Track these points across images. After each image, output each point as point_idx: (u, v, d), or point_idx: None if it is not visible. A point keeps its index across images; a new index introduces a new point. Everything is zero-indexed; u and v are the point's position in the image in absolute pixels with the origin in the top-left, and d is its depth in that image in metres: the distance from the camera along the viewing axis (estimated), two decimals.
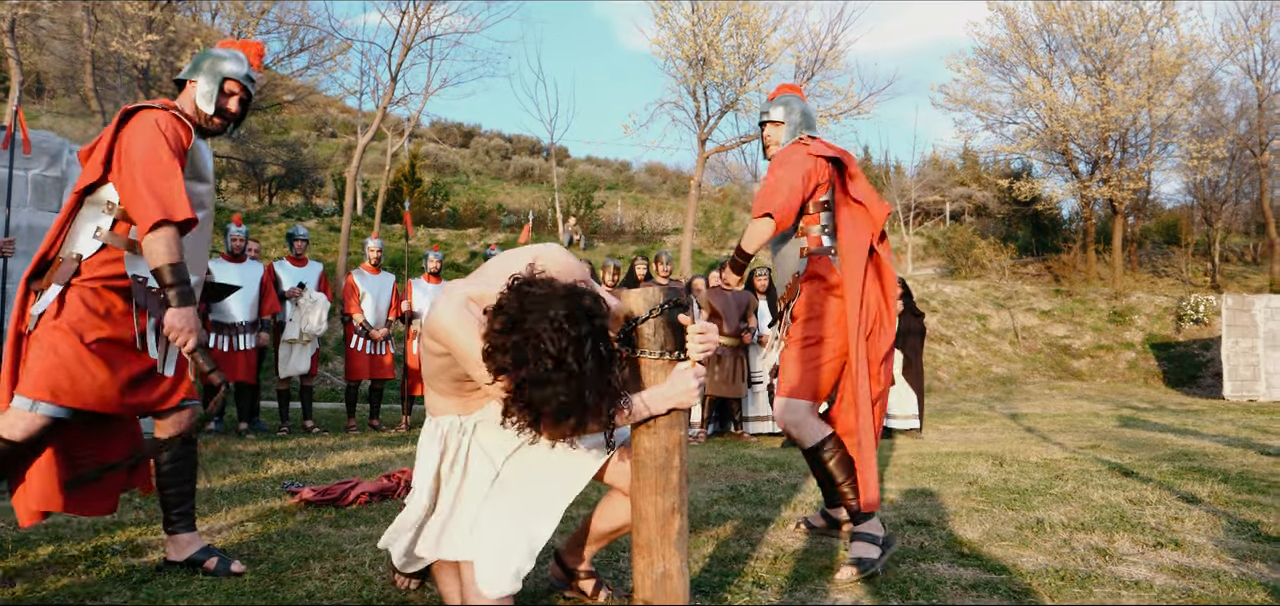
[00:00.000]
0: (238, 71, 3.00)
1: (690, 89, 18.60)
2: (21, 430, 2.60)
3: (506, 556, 2.22)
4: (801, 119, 3.56)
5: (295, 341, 7.96)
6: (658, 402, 2.07)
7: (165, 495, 2.96)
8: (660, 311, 2.11)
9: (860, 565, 2.96)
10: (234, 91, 3.01)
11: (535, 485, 2.34)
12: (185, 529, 2.98)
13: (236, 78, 2.99)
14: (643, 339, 2.13)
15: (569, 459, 2.36)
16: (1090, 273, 23.09)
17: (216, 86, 2.96)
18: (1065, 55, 22.91)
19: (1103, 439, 7.67)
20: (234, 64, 3.00)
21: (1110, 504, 4.31)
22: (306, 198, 27.27)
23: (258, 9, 19.24)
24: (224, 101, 2.99)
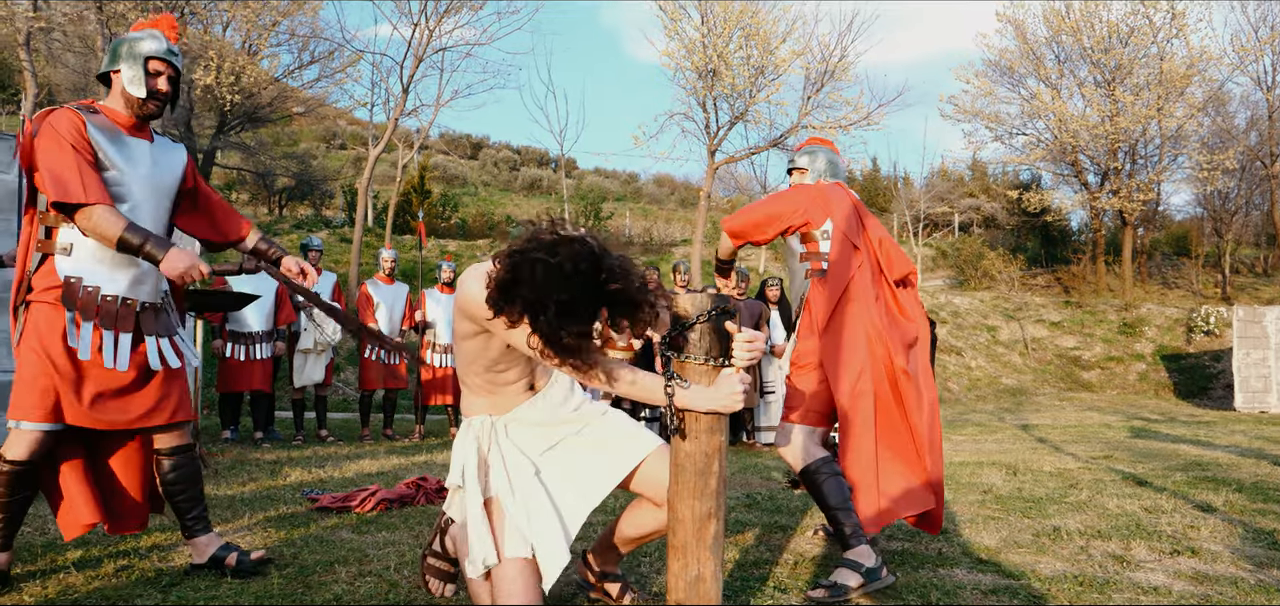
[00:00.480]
0: (158, 49, 2.93)
1: (700, 100, 18.67)
2: (24, 449, 2.70)
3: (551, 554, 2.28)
4: (826, 167, 3.61)
5: (310, 351, 8.02)
6: (700, 402, 2.10)
7: (176, 502, 3.01)
8: (708, 317, 2.15)
9: (833, 589, 2.83)
10: (160, 70, 2.94)
11: (567, 482, 2.40)
12: (202, 531, 3.05)
13: (158, 56, 2.93)
14: (690, 344, 2.17)
15: (601, 458, 2.43)
16: (1100, 284, 23.06)
17: (141, 69, 2.90)
18: (1074, 66, 22.95)
19: (1115, 449, 7.67)
20: (153, 43, 2.93)
21: (1126, 512, 4.33)
22: (316, 209, 27.42)
23: (269, 21, 19.41)
24: (152, 82, 2.93)
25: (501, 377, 2.39)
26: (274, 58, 21.02)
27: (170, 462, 2.99)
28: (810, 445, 3.14)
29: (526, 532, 2.28)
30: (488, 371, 2.37)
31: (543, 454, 2.44)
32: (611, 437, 2.49)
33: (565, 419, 2.51)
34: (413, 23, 17.63)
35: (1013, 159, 24.64)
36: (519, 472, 2.38)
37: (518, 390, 2.45)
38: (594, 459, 2.43)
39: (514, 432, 2.45)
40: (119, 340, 2.83)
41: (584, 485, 2.41)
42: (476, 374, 2.39)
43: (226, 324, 7.54)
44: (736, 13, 17.66)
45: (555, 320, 1.94)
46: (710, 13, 17.94)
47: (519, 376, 2.44)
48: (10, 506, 2.76)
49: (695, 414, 2.13)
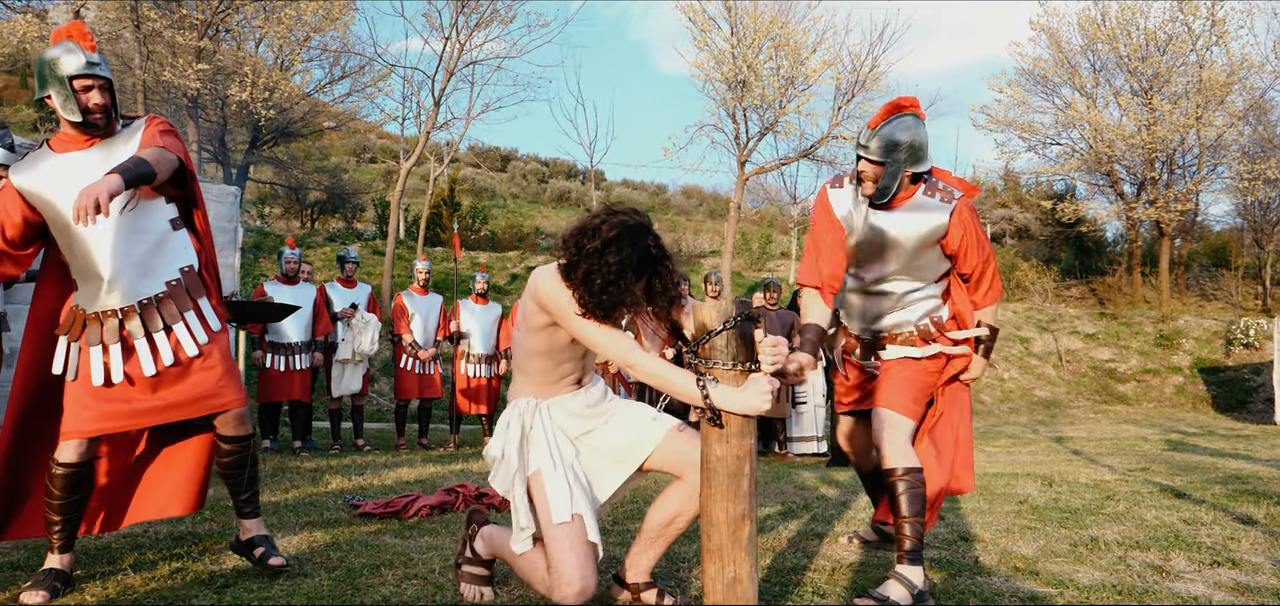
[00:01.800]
0: (79, 66, 2.86)
1: (729, 111, 18.71)
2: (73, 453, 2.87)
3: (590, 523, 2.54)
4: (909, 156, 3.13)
5: (348, 361, 8.14)
6: (729, 401, 2.17)
7: (229, 484, 3.13)
8: (733, 324, 2.20)
9: (883, 604, 2.81)
10: (88, 86, 2.89)
11: (600, 459, 2.69)
12: (251, 515, 3.17)
13: (81, 74, 2.87)
14: (715, 349, 2.23)
15: (628, 438, 2.68)
16: (1136, 296, 22.75)
17: (68, 91, 2.87)
18: (1110, 75, 22.67)
19: (1152, 462, 7.60)
20: (72, 60, 2.86)
21: (1164, 523, 4.31)
22: (348, 222, 27.74)
23: (301, 36, 19.72)
24: (83, 100, 2.88)
25: (557, 370, 2.64)
26: (306, 73, 21.34)
27: (225, 449, 3.07)
28: (911, 446, 3.13)
29: (570, 501, 2.52)
30: (547, 358, 2.61)
31: (579, 437, 2.70)
32: (635, 423, 2.71)
33: (600, 412, 2.74)
34: (444, 37, 17.84)
35: (1046, 169, 24.38)
36: (561, 448, 2.62)
37: (567, 384, 2.69)
38: (622, 439, 2.69)
39: (555, 414, 2.68)
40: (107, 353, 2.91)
41: (615, 461, 2.69)
42: (535, 361, 2.63)
43: (266, 335, 7.68)
44: (766, 23, 17.69)
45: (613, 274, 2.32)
46: (740, 23, 17.99)
47: (573, 371, 2.68)
48: (66, 507, 2.88)
49: (726, 416, 2.18)
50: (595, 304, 2.37)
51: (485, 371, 8.58)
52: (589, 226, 2.41)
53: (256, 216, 25.60)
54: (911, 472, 3.02)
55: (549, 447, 2.60)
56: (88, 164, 2.91)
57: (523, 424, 2.64)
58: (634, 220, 2.42)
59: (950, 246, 3.17)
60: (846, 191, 3.28)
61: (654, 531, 2.70)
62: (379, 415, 12.99)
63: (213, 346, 3.03)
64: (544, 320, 2.53)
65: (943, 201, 3.13)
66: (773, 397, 2.17)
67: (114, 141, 2.98)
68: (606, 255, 2.34)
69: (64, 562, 2.91)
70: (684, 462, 2.62)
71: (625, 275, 2.36)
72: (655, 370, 2.37)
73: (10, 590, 2.86)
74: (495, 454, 2.66)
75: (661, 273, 2.45)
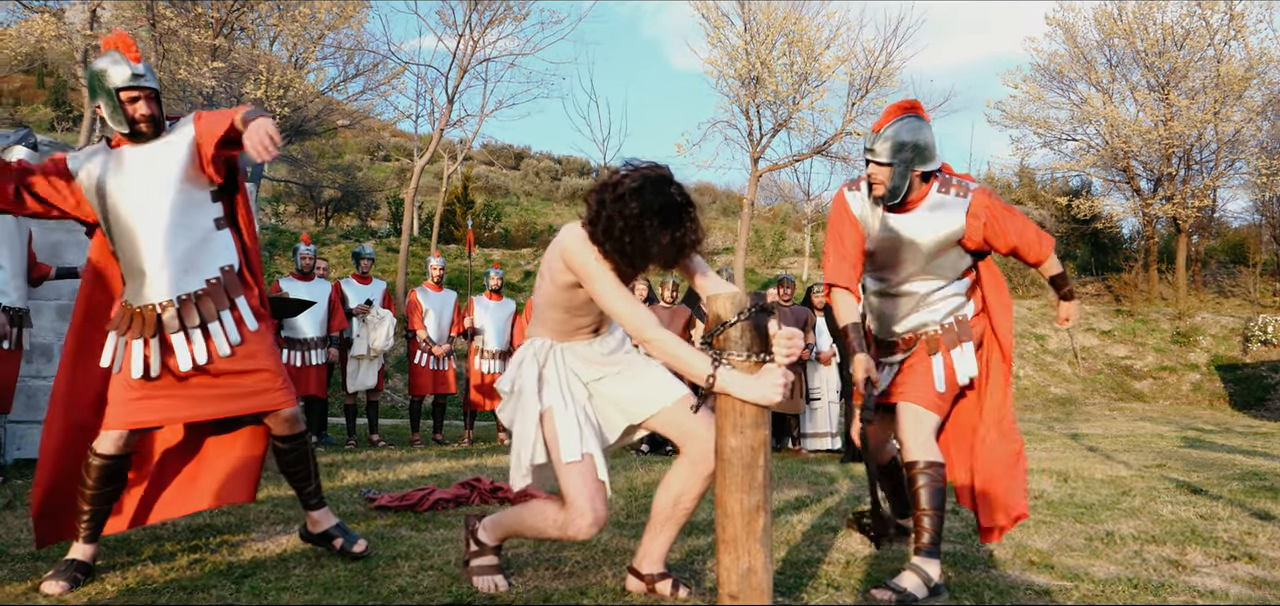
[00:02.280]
0: (126, 79, 2.96)
1: (743, 108, 18.68)
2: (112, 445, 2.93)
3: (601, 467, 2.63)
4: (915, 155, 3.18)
5: (363, 357, 8.18)
6: (741, 389, 2.18)
7: (291, 478, 3.25)
8: (747, 315, 2.21)
9: (900, 594, 2.83)
10: (134, 97, 2.97)
11: (610, 406, 2.76)
12: (317, 506, 3.29)
13: (127, 86, 2.96)
14: (730, 340, 2.23)
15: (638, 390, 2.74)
16: (1152, 292, 22.59)
17: (114, 103, 2.96)
18: (1127, 70, 22.51)
19: (1168, 458, 7.55)
20: (119, 73, 2.96)
21: (1181, 518, 4.29)
22: (362, 220, 27.87)
23: (315, 35, 19.81)
24: (129, 111, 2.97)
25: (574, 321, 2.71)
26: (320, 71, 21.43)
27: (281, 448, 3.20)
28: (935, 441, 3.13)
29: (580, 440, 2.60)
30: (565, 311, 2.68)
31: (591, 382, 2.77)
32: (649, 377, 2.78)
33: (613, 361, 2.79)
34: (457, 34, 17.89)
35: (1062, 165, 24.22)
36: (574, 390, 2.70)
37: (584, 333, 2.76)
38: (633, 391, 2.75)
39: (569, 358, 2.75)
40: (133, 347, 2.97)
41: (622, 410, 2.75)
42: (555, 312, 2.69)
43: (282, 331, 7.73)
44: (780, 19, 17.65)
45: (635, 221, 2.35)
46: (753, 19, 17.96)
47: (590, 323, 2.75)
48: (98, 498, 2.92)
49: (740, 408, 2.19)
50: (618, 252, 2.41)
51: (499, 367, 8.60)
52: (611, 179, 2.45)
53: (271, 214, 25.76)
54: (933, 466, 3.03)
55: (561, 388, 2.68)
56: (134, 161, 2.99)
57: (538, 362, 2.72)
58: (655, 170, 2.44)
59: (973, 242, 3.13)
60: (863, 193, 3.27)
61: (662, 515, 2.74)
62: (394, 411, 13.05)
63: (257, 347, 3.09)
64: (568, 279, 2.57)
65: (958, 196, 3.11)
66: (785, 390, 2.18)
67: (165, 141, 3.05)
68: (628, 203, 2.37)
69: (87, 553, 2.94)
70: (686, 433, 2.69)
71: (648, 221, 2.37)
72: (670, 347, 2.39)
73: (31, 580, 2.90)
74: (506, 388, 2.76)
75: (685, 220, 2.45)
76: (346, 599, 2.71)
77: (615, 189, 2.41)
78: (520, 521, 2.78)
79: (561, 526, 2.62)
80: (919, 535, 2.98)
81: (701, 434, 2.65)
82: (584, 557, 3.30)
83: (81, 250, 6.07)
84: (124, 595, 2.74)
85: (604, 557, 3.31)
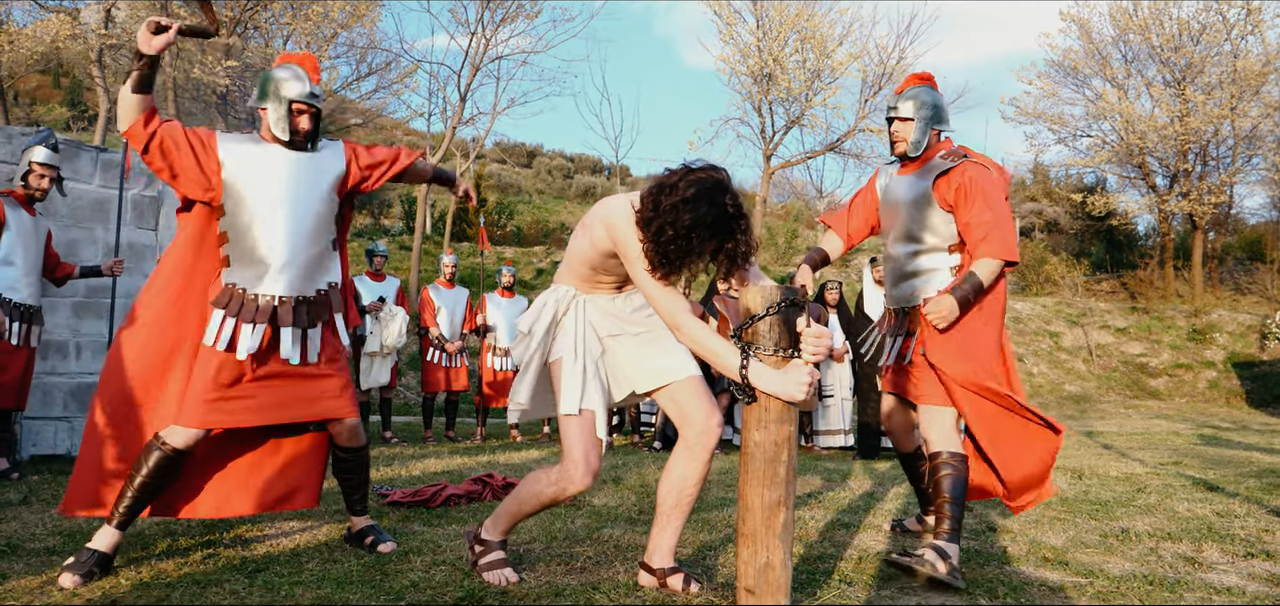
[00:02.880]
0: (301, 93, 3.14)
1: (755, 105, 18.65)
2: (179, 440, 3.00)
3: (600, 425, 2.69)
4: (934, 113, 3.39)
5: (376, 354, 8.20)
6: (769, 383, 2.18)
7: (343, 483, 3.40)
8: (777, 309, 2.20)
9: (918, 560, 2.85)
10: (302, 110, 3.16)
11: (618, 366, 2.80)
12: (361, 512, 3.43)
13: (301, 99, 3.14)
14: (758, 334, 2.22)
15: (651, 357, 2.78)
16: (1168, 289, 22.41)
17: (284, 110, 3.13)
18: (1142, 66, 22.33)
19: (1184, 456, 7.50)
20: (296, 86, 3.13)
21: (1197, 516, 4.25)
22: (375, 218, 27.95)
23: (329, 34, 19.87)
24: (294, 122, 3.15)
25: (601, 277, 2.76)
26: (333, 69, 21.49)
27: (342, 457, 3.36)
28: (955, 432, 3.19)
29: (582, 395, 2.65)
30: (595, 270, 2.73)
31: (607, 337, 2.80)
32: (664, 349, 2.80)
33: (635, 321, 2.83)
34: (469, 32, 17.91)
35: (1077, 162, 24.05)
36: (588, 345, 2.74)
37: (608, 287, 2.81)
38: (647, 356, 2.78)
39: (589, 310, 2.79)
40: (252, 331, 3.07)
41: (631, 373, 2.79)
42: (585, 267, 2.74)
43: None
44: (792, 16, 17.61)
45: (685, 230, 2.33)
46: (765, 17, 17.92)
47: (616, 282, 2.80)
48: (146, 489, 2.98)
49: (765, 402, 2.18)
50: (662, 258, 2.40)
51: (511, 365, 8.61)
52: (668, 183, 2.41)
53: None
54: (955, 457, 3.11)
55: (576, 340, 2.72)
56: (287, 163, 3.15)
57: (557, 309, 2.77)
58: (711, 178, 2.40)
59: (944, 200, 3.24)
60: (890, 170, 3.56)
61: (667, 504, 2.76)
62: (408, 408, 13.09)
63: (337, 358, 3.28)
64: (608, 248, 2.62)
65: (945, 159, 3.29)
66: (810, 388, 2.17)
67: (316, 155, 3.23)
68: (681, 213, 2.34)
69: (110, 543, 2.95)
70: (684, 414, 2.73)
71: (698, 232, 2.36)
72: (701, 338, 2.40)
73: (46, 574, 2.92)
74: (525, 328, 2.81)
75: (735, 232, 2.42)
76: (358, 594, 2.72)
77: (670, 194, 2.37)
78: (517, 501, 2.84)
79: (556, 482, 2.70)
80: (940, 521, 3.04)
81: (698, 416, 2.70)
82: (596, 553, 3.30)
83: (97, 250, 6.12)
84: (137, 590, 2.76)
85: (616, 553, 3.31)
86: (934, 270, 3.33)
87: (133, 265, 6.31)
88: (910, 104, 3.37)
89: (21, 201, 5.01)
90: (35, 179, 4.99)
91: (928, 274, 3.34)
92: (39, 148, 5.01)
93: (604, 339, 2.80)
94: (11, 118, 16.60)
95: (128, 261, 6.29)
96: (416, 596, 2.70)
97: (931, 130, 3.37)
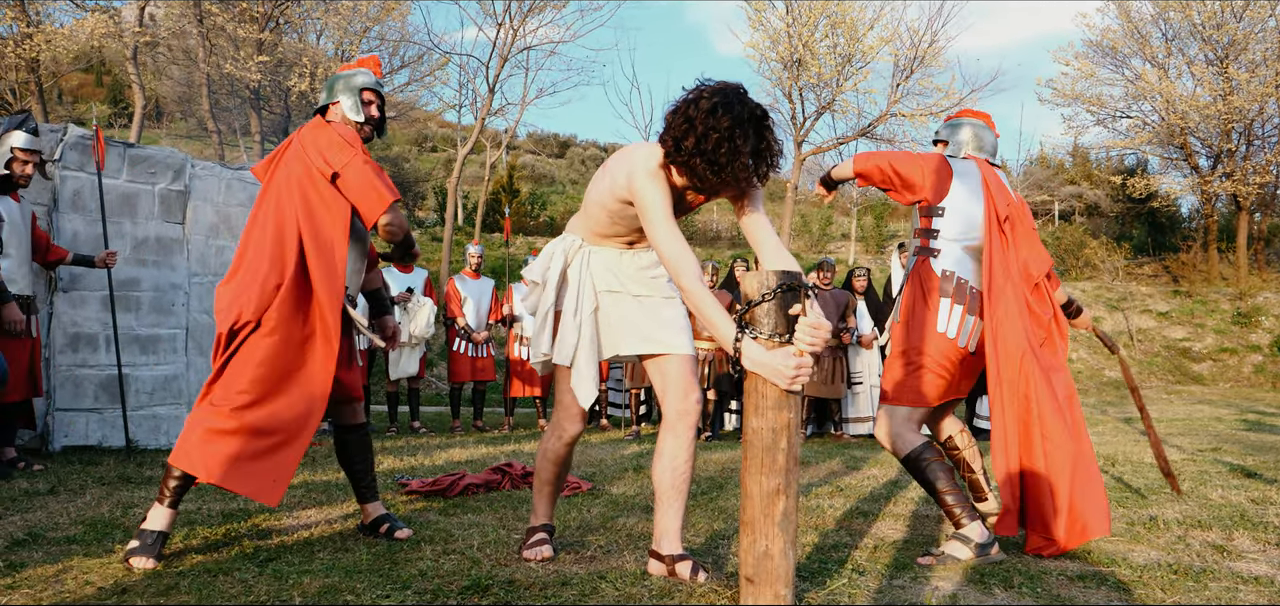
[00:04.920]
0: (370, 81, 3.41)
1: (785, 91, 18.48)
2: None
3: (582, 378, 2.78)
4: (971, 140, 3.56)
5: (405, 344, 8.26)
6: (755, 358, 2.16)
7: (351, 470, 3.44)
8: (774, 295, 2.16)
9: (941, 558, 2.96)
10: (371, 99, 3.41)
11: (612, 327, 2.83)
12: (371, 499, 3.45)
13: (370, 86, 3.40)
14: (756, 320, 2.19)
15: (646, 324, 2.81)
16: (1212, 272, 21.90)
17: (357, 98, 3.37)
18: (1183, 44, 21.78)
19: (1224, 442, 7.31)
20: (365, 76, 3.40)
21: (1230, 503, 4.13)
22: (409, 210, 28.16)
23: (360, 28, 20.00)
24: (367, 109, 3.39)
25: (615, 227, 2.77)
26: None
27: (350, 440, 3.43)
28: (912, 432, 3.18)
29: (575, 349, 2.77)
30: (610, 218, 2.74)
31: (605, 292, 2.84)
32: (661, 319, 2.83)
33: (638, 281, 2.85)
34: (497, 23, 17.93)
35: (1116, 144, 23.56)
36: (583, 300, 2.80)
37: (620, 241, 2.84)
38: (640, 320, 2.81)
39: (594, 261, 2.84)
40: None
41: (622, 333, 2.82)
42: (601, 213, 2.75)
43: None
44: (822, 1, 17.41)
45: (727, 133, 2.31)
46: (795, 2, 17.73)
47: (627, 235, 2.81)
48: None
49: (762, 390, 2.14)
50: (712, 167, 2.34)
51: None
52: (692, 98, 2.39)
53: None
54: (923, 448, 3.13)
55: (576, 295, 2.80)
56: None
57: (566, 257, 2.85)
58: (729, 86, 2.39)
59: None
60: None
61: (664, 485, 2.77)
62: (437, 399, 13.18)
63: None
64: (626, 196, 2.60)
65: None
66: (796, 374, 2.12)
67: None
68: (720, 117, 2.31)
69: (168, 521, 2.99)
70: (665, 388, 2.79)
71: (740, 130, 2.32)
72: (703, 302, 2.35)
73: (62, 562, 2.95)
74: (536, 277, 2.90)
75: (766, 132, 2.40)
76: (366, 583, 2.72)
77: (700, 104, 2.35)
78: (537, 477, 3.02)
79: (553, 432, 2.90)
80: (948, 513, 3.05)
81: (676, 395, 2.76)
82: (608, 542, 3.28)
83: (125, 244, 6.19)
84: (149, 578, 2.78)
85: (628, 542, 3.29)
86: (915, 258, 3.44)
87: (160, 259, 6.37)
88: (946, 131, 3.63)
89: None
90: (18, 166, 4.93)
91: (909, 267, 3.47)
92: (18, 133, 4.95)
93: (601, 294, 2.83)
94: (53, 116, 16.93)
95: (155, 256, 6.36)
96: (423, 585, 2.70)
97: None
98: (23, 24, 13.95)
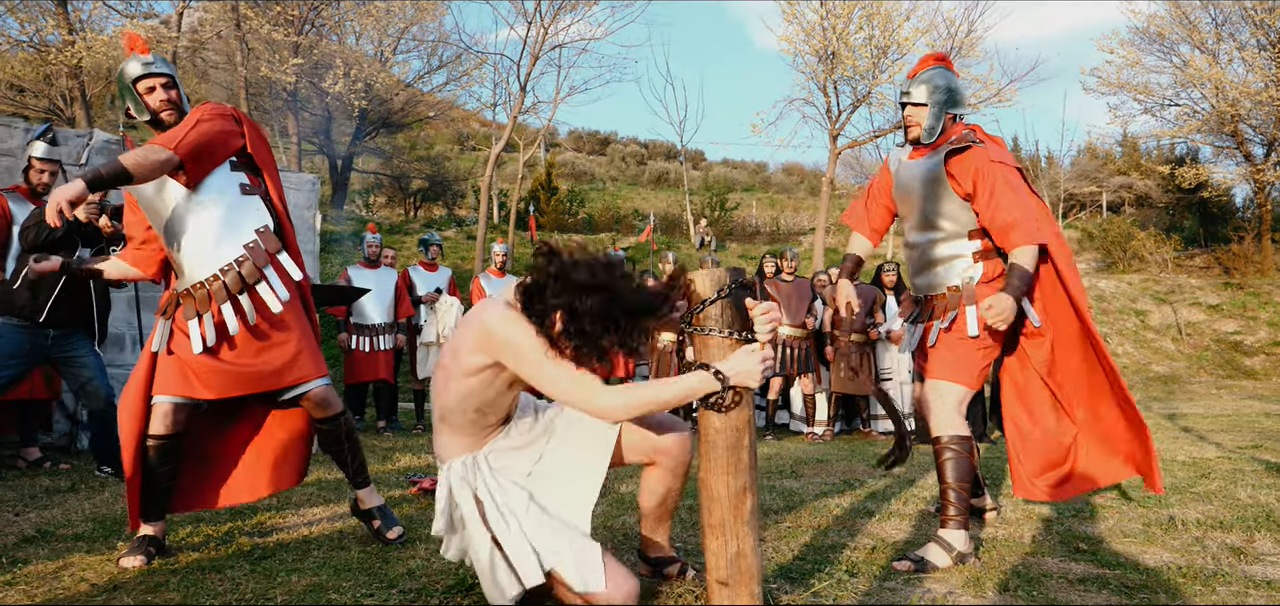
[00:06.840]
0: (138, 71, 3.07)
1: (820, 84, 18.29)
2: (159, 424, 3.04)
3: (583, 556, 2.22)
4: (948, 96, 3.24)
5: (432, 343, 8.30)
6: (736, 371, 2.10)
7: (335, 460, 3.30)
8: (726, 293, 2.12)
9: (919, 564, 2.87)
10: (150, 87, 3.09)
11: (563, 487, 2.37)
12: (362, 484, 3.32)
13: (140, 76, 3.07)
14: (709, 318, 2.15)
15: (583, 449, 2.42)
16: (1266, 263, 21.22)
17: (135, 97, 3.09)
18: (1234, 29, 21.10)
19: (1268, 439, 7.06)
20: (133, 67, 3.08)
21: (1257, 503, 3.98)
22: (449, 209, 28.39)
23: (396, 30, 20.20)
24: (147, 100, 3.09)
25: (488, 418, 2.36)
26: (405, 64, 21.87)
27: (321, 429, 3.25)
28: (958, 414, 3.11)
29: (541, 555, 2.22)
30: (478, 412, 2.32)
31: (529, 475, 2.38)
32: (584, 428, 2.45)
33: (540, 431, 2.47)
34: (527, 22, 17.98)
35: (1165, 132, 22.92)
36: (512, 507, 2.29)
37: (495, 429, 2.42)
38: (578, 453, 2.41)
39: (495, 463, 2.37)
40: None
41: (580, 480, 2.38)
42: (466, 414, 2.32)
43: (350, 317, 7.90)
44: None
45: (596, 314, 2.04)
46: None
47: (501, 417, 2.41)
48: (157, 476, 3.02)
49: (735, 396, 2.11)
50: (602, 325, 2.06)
51: None
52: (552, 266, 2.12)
53: (361, 206, 26.45)
54: (957, 441, 3.04)
55: (501, 512, 2.28)
56: None
57: (470, 485, 2.33)
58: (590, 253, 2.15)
59: (960, 186, 3.13)
60: (901, 153, 3.44)
61: (652, 514, 2.67)
62: None
63: (290, 321, 3.12)
64: (482, 361, 2.21)
65: (955, 143, 3.16)
66: (765, 366, 2.08)
67: None
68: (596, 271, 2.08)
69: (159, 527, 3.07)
70: (655, 449, 2.50)
71: (619, 278, 2.10)
72: (654, 394, 2.12)
73: (65, 559, 3.00)
74: (442, 529, 2.40)
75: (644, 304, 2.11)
76: (353, 581, 2.72)
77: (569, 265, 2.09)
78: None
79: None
80: (945, 509, 3.01)
81: (672, 446, 2.49)
82: (602, 541, 3.24)
83: None
84: (143, 575, 2.81)
85: (624, 542, 3.26)
86: (956, 257, 3.22)
87: None
88: (923, 88, 3.23)
89: (26, 196, 5.13)
90: (35, 174, 5.04)
91: (949, 262, 3.23)
92: (38, 143, 5.09)
93: (528, 478, 2.37)
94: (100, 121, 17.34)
95: None
96: (410, 584, 2.70)
97: (946, 114, 3.22)
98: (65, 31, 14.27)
